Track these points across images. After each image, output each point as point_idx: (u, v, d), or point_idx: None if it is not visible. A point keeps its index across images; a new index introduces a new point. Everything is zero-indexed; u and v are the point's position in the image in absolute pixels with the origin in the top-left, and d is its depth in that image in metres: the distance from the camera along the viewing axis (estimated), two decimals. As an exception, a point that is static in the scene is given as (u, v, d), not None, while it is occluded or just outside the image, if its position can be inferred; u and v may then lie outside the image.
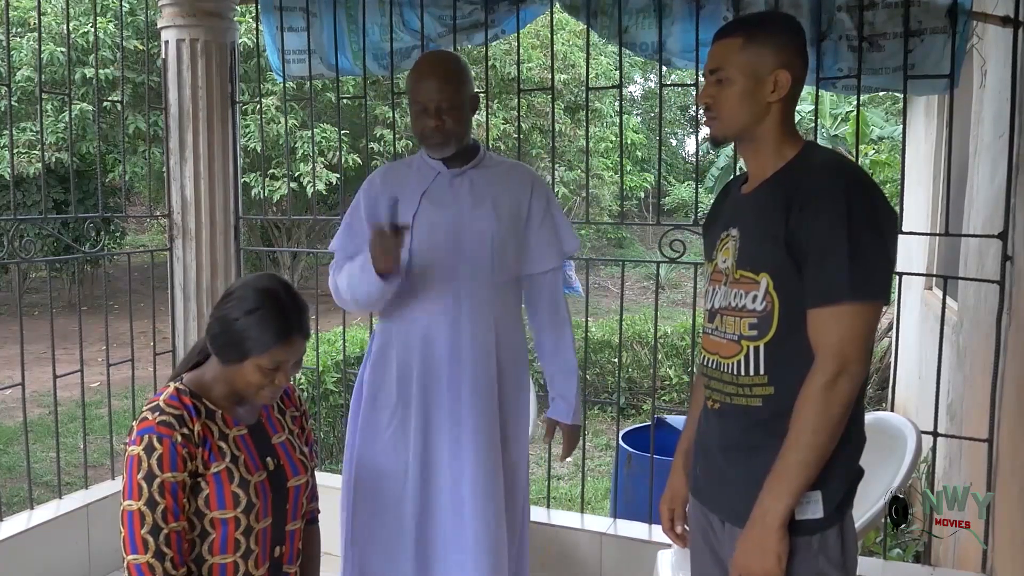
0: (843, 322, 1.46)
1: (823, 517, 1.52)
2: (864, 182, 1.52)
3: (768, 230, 1.53)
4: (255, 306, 1.61)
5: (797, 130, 1.64)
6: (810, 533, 1.52)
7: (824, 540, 1.54)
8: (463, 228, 2.16)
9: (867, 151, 9.38)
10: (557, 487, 5.52)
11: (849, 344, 1.46)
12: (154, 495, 1.54)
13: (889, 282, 1.54)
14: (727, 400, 1.61)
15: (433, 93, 2.10)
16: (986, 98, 3.32)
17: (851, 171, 1.55)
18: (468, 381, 2.15)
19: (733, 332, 1.59)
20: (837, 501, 1.54)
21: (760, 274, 1.54)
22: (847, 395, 1.46)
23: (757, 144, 1.61)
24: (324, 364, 5.52)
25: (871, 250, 1.46)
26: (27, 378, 2.92)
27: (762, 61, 1.55)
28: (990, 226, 2.80)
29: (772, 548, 1.49)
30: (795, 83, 1.57)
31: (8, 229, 2.88)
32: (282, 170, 9.15)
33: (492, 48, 3.62)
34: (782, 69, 1.54)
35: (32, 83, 8.60)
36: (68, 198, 9.90)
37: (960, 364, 3.56)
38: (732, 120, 1.59)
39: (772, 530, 1.49)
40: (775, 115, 1.58)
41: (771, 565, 1.49)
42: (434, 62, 2.20)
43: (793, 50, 1.57)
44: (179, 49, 3.35)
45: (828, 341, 1.47)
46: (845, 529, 1.56)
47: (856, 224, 1.45)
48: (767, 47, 1.55)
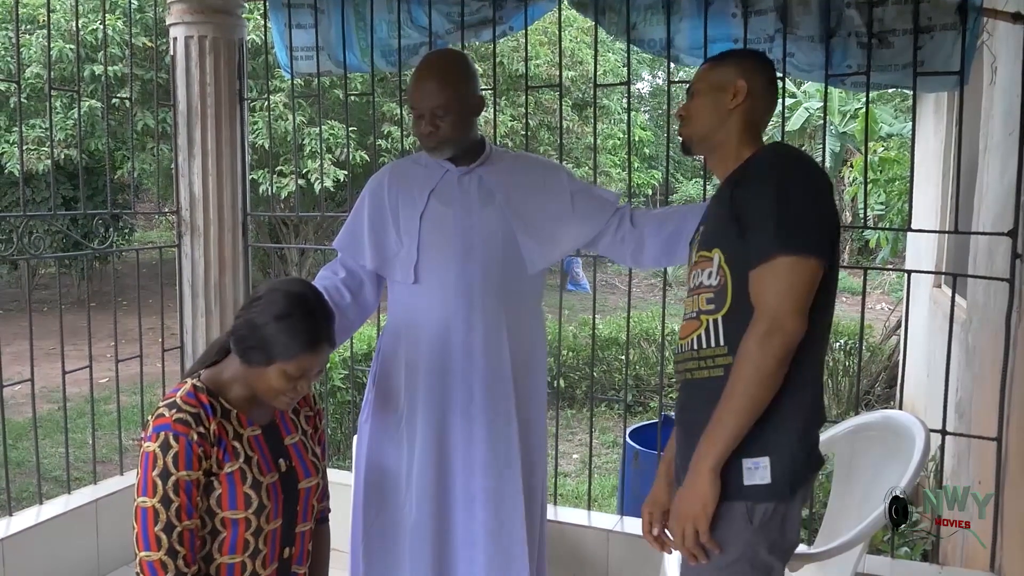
0: (775, 277, 1.52)
1: (770, 484, 1.54)
2: (793, 154, 1.68)
3: (718, 211, 1.67)
4: (286, 312, 1.61)
5: (761, 140, 1.77)
6: (753, 500, 1.55)
7: (765, 515, 1.56)
8: (472, 226, 2.15)
9: (876, 148, 9.34)
10: (564, 484, 5.52)
11: (781, 298, 1.51)
12: (169, 493, 1.55)
13: (825, 239, 1.56)
14: (690, 376, 1.67)
15: (427, 98, 2.08)
16: (996, 95, 3.30)
17: (782, 147, 1.73)
18: (480, 378, 2.14)
19: (693, 310, 1.68)
20: (788, 476, 1.56)
21: (713, 250, 1.65)
22: (780, 349, 1.50)
23: (720, 151, 1.75)
24: (332, 360, 5.53)
25: (799, 206, 1.55)
26: (36, 374, 2.93)
27: (725, 74, 1.75)
28: (1000, 223, 2.79)
29: (699, 492, 1.55)
30: (754, 96, 1.73)
31: (17, 225, 2.89)
32: (290, 167, 9.16)
33: (500, 45, 3.62)
34: (740, 79, 1.72)
35: (41, 80, 8.63)
36: (77, 195, 9.95)
37: (969, 362, 3.55)
38: (698, 124, 1.77)
39: (701, 475, 1.55)
40: (736, 122, 1.73)
41: (696, 510, 1.55)
42: (431, 66, 2.16)
43: (753, 69, 1.76)
44: (187, 46, 3.36)
45: (762, 298, 1.53)
46: (789, 513, 1.59)
47: (783, 185, 1.56)
48: (730, 64, 1.77)
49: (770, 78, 1.78)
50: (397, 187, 2.23)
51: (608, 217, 2.19)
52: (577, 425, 7.00)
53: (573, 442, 6.64)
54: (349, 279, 2.25)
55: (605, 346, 7.50)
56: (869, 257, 12.36)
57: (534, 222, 2.18)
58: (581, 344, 7.58)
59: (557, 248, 2.22)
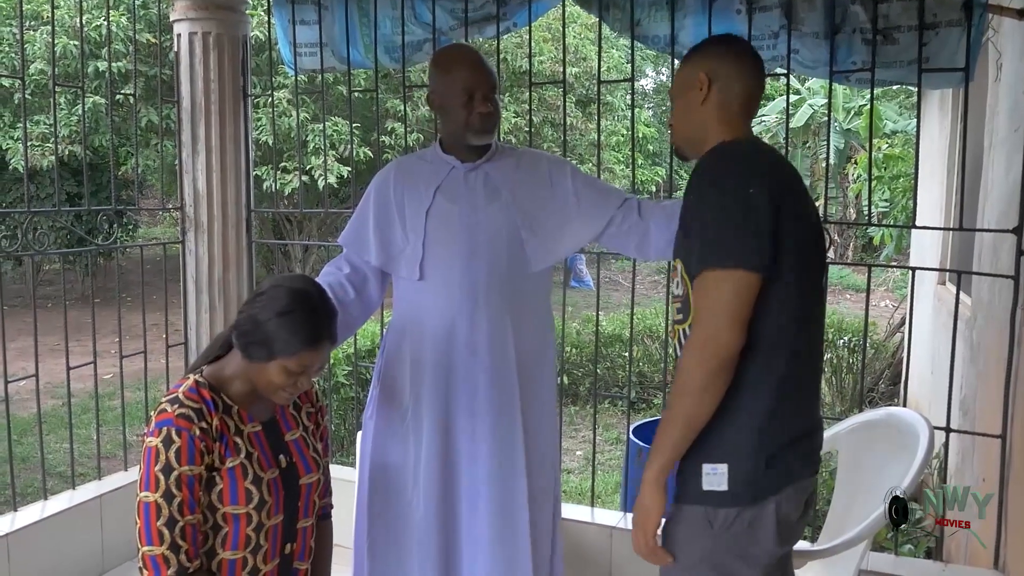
0: (705, 290, 1.51)
1: (727, 490, 1.54)
2: (726, 159, 1.61)
3: (680, 218, 1.66)
4: (288, 308, 1.61)
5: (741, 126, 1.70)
6: (713, 505, 1.55)
7: (727, 521, 1.55)
8: (478, 223, 2.14)
9: (880, 145, 9.32)
10: (567, 481, 5.53)
11: (711, 311, 1.50)
12: (171, 488, 1.55)
13: (756, 248, 1.50)
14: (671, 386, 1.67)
15: (480, 78, 2.11)
16: (1001, 91, 3.30)
17: (718, 152, 1.64)
18: (485, 376, 2.14)
19: (671, 320, 1.70)
20: (746, 484, 1.55)
21: (676, 260, 1.66)
22: (712, 361, 1.49)
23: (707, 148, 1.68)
24: (335, 357, 5.53)
25: (724, 217, 1.51)
26: (41, 370, 2.94)
27: (688, 72, 1.72)
28: (1005, 220, 2.78)
29: (642, 503, 1.58)
30: (721, 81, 1.67)
31: (22, 221, 2.90)
32: (294, 163, 9.16)
33: (504, 41, 3.62)
34: (700, 71, 1.68)
35: (46, 76, 8.64)
36: (81, 191, 9.95)
37: (973, 359, 3.55)
38: (679, 129, 1.75)
39: (644, 485, 1.58)
40: (710, 116, 1.68)
41: (642, 517, 1.59)
42: (465, 51, 2.21)
43: (713, 54, 1.71)
44: (191, 42, 3.36)
45: (697, 311, 1.53)
46: (759, 521, 1.56)
47: (708, 197, 1.54)
48: (691, 60, 1.73)
49: (737, 55, 1.71)
50: (403, 183, 2.22)
51: (613, 212, 2.19)
52: (581, 422, 7.00)
53: (577, 439, 6.64)
54: (353, 275, 2.25)
55: (608, 343, 7.50)
56: (873, 254, 12.34)
57: (538, 219, 2.17)
58: (585, 341, 7.58)
59: (561, 246, 2.21)
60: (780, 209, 1.52)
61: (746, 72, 1.70)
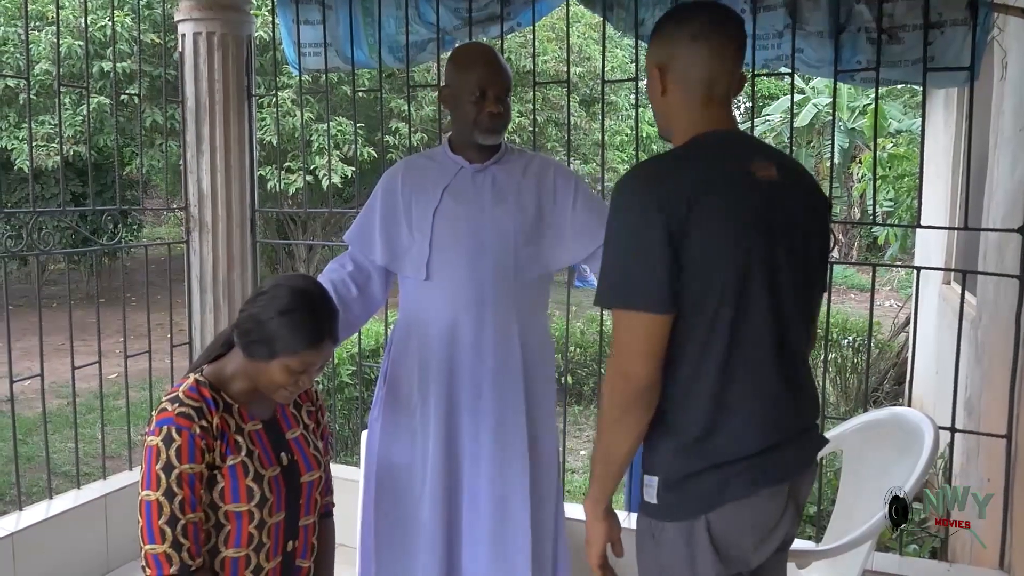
0: (619, 326, 1.47)
1: (657, 504, 1.53)
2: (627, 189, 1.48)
3: None
4: (290, 307, 1.62)
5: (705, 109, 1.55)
6: (652, 517, 1.55)
7: (665, 534, 1.53)
8: (485, 224, 2.14)
9: (885, 144, 9.31)
10: (571, 480, 5.53)
11: (625, 346, 1.46)
12: (172, 486, 1.55)
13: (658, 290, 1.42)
14: None
15: (495, 78, 2.11)
16: (1006, 90, 3.29)
17: (633, 174, 1.52)
18: (490, 376, 2.14)
19: None
20: (672, 499, 1.51)
21: None
22: (623, 395, 1.47)
23: None
24: (339, 356, 5.54)
25: (629, 255, 1.46)
26: (46, 369, 2.94)
27: (647, 66, 1.61)
28: (1010, 220, 2.78)
29: (587, 529, 1.61)
30: (676, 63, 1.54)
31: (27, 222, 2.90)
32: (298, 163, 9.17)
33: (508, 41, 3.62)
34: (650, 62, 1.59)
35: (50, 76, 8.66)
36: (86, 191, 9.99)
37: (978, 359, 3.54)
38: (657, 123, 1.66)
39: (586, 514, 1.60)
40: (674, 114, 1.59)
41: (586, 543, 1.62)
42: (483, 50, 2.21)
43: (667, 43, 1.55)
44: (196, 42, 3.36)
45: (614, 344, 1.49)
46: (692, 539, 1.50)
47: (617, 229, 1.48)
48: (649, 49, 1.62)
49: (692, 37, 1.52)
50: (411, 183, 2.22)
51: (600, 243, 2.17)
52: (584, 421, 7.00)
53: (580, 438, 6.64)
54: (356, 273, 2.25)
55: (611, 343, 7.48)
56: (878, 254, 12.31)
57: (537, 229, 2.18)
58: (589, 340, 7.57)
59: (554, 259, 2.21)
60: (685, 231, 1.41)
61: (703, 54, 1.52)
